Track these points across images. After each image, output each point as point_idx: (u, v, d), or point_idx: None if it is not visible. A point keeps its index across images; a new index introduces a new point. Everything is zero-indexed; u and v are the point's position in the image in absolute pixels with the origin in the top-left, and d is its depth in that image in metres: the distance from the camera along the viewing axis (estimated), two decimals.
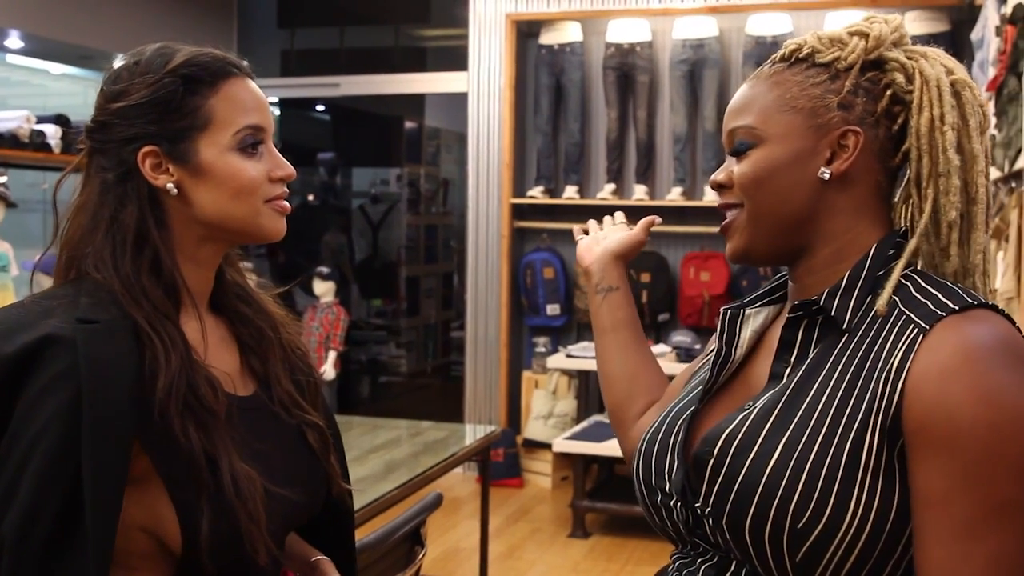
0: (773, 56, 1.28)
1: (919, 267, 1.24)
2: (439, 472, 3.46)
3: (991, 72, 3.64)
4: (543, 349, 6.51)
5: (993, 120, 3.81)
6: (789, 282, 1.30)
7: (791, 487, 1.09)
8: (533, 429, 6.31)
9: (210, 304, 1.40)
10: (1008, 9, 3.26)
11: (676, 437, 1.27)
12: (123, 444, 1.17)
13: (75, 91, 6.77)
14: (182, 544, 1.22)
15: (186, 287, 1.32)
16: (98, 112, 1.31)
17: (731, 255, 1.28)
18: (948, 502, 1.04)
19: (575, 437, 5.54)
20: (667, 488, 1.25)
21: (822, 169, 1.20)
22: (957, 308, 1.11)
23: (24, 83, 6.52)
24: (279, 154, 1.35)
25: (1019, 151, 2.77)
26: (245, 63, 1.36)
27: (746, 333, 1.30)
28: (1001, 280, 3.25)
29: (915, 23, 5.78)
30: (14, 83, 6.45)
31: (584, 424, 5.80)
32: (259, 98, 1.35)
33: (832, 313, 1.19)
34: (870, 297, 1.18)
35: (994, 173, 3.66)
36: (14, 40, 5.75)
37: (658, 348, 5.84)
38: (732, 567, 1.19)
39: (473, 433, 4.11)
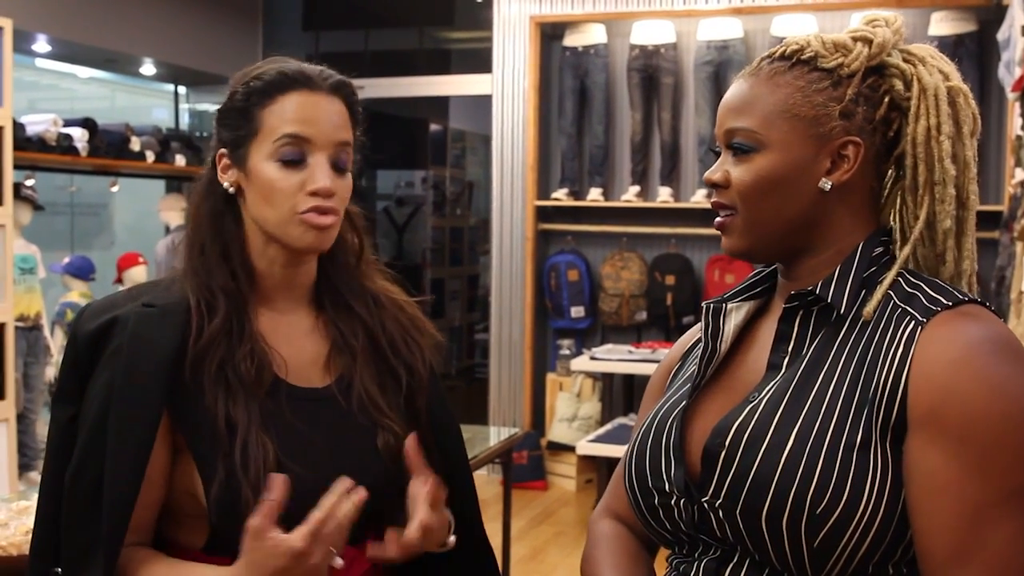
0: (771, 51, 1.27)
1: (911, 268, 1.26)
2: None
3: (1017, 72, 3.61)
4: (567, 352, 6.51)
5: (1019, 121, 3.77)
6: (780, 278, 1.31)
7: (808, 476, 1.12)
8: (557, 432, 6.31)
9: (315, 300, 1.50)
10: None
11: (670, 436, 1.28)
12: (147, 417, 1.30)
13: (102, 95, 6.83)
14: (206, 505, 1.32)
15: (259, 278, 1.43)
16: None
17: (730, 253, 1.30)
18: (961, 489, 1.07)
19: (599, 440, 5.52)
20: (666, 487, 1.26)
21: (823, 180, 1.21)
22: (950, 303, 1.15)
23: (52, 87, 6.58)
24: (327, 168, 1.40)
25: None
26: (328, 80, 1.44)
27: (729, 327, 1.32)
28: None
29: (943, 23, 5.74)
30: (42, 87, 6.51)
31: (608, 427, 5.78)
32: (316, 112, 1.40)
33: (829, 300, 1.21)
34: (864, 292, 1.21)
35: (1019, 175, 3.62)
36: (42, 44, 5.81)
37: None
38: (735, 560, 1.21)
39: (497, 435, 4.10)
